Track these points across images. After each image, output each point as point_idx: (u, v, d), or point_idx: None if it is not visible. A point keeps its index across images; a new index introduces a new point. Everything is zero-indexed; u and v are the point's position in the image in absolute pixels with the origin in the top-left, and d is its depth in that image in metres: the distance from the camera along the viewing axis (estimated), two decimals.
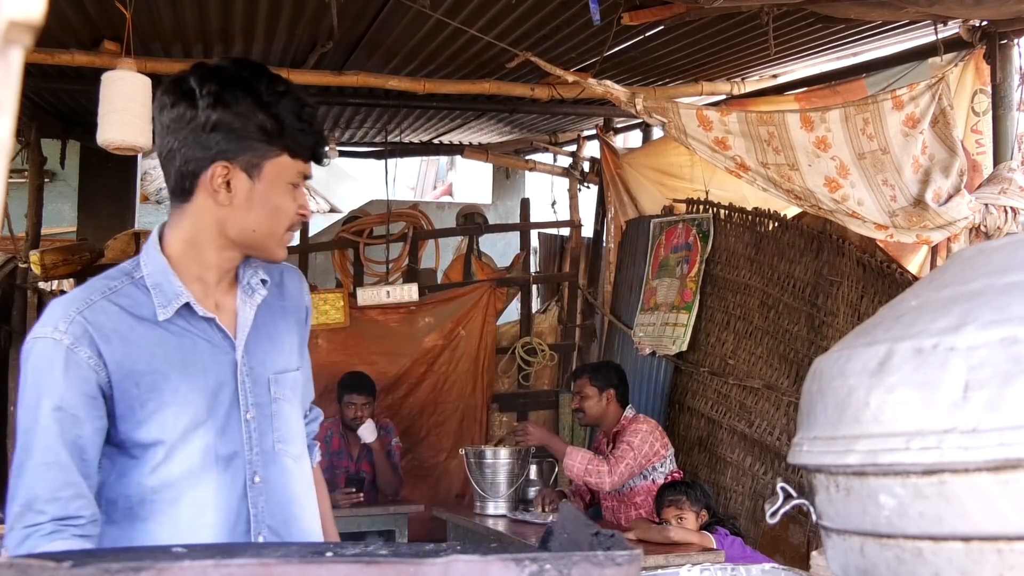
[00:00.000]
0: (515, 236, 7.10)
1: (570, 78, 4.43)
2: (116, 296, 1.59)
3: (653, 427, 4.44)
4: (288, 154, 1.62)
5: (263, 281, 1.73)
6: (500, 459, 4.71)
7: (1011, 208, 3.97)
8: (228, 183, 1.59)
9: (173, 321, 1.61)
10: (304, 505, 1.76)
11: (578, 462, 4.33)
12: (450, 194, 12.79)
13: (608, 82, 4.38)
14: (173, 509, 1.58)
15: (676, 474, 4.42)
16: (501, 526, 4.44)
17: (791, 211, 4.91)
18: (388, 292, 6.13)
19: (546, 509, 4.56)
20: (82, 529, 1.51)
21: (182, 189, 1.61)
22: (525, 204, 6.78)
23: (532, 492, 4.86)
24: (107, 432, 1.57)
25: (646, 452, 4.32)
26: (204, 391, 1.61)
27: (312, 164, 1.68)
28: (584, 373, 4.68)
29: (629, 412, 4.54)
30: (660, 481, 4.28)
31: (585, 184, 6.93)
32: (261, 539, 1.64)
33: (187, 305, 1.62)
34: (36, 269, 5.60)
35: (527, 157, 7.73)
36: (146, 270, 1.63)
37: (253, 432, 1.66)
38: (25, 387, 1.54)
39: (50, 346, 1.53)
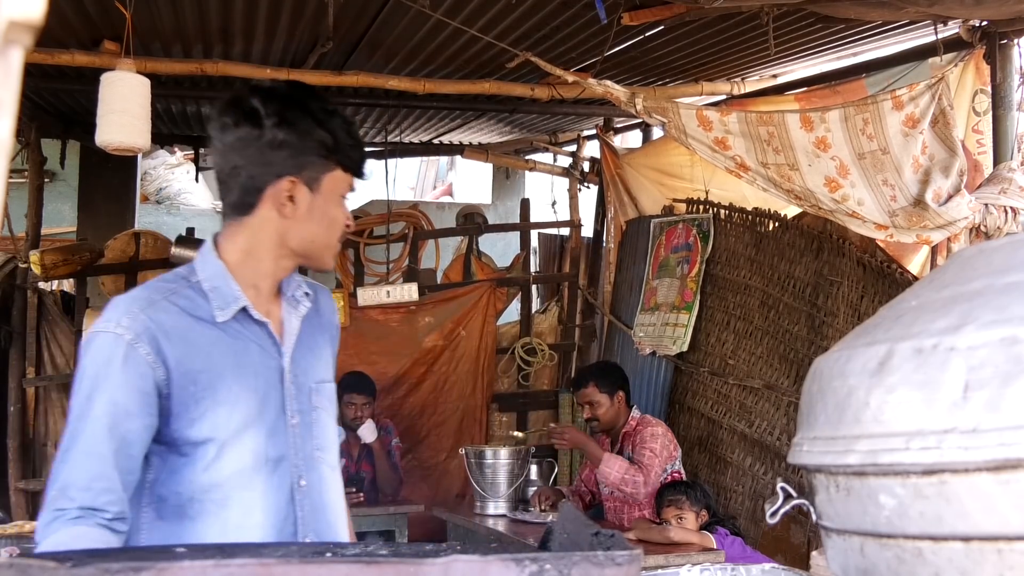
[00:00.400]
0: (515, 236, 7.09)
1: (570, 78, 4.43)
2: (175, 297, 1.67)
3: (665, 429, 4.40)
4: (341, 168, 1.72)
5: (306, 294, 1.81)
6: (500, 459, 4.70)
7: (1011, 208, 3.96)
8: (292, 196, 1.67)
9: (229, 323, 1.68)
10: (338, 513, 1.81)
11: (615, 471, 4.24)
12: (450, 194, 12.77)
13: (608, 82, 4.38)
14: (223, 511, 1.63)
15: (676, 474, 4.41)
16: (501, 526, 4.43)
17: (791, 211, 4.91)
18: (388, 292, 6.13)
19: (542, 507, 4.53)
20: (109, 523, 1.55)
21: (244, 203, 1.70)
22: (525, 204, 6.78)
23: (532, 492, 4.85)
24: (157, 430, 1.62)
25: (665, 457, 4.30)
26: (255, 392, 1.67)
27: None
28: (589, 380, 4.48)
29: (636, 413, 4.49)
30: (664, 481, 4.27)
31: (585, 184, 6.91)
32: (308, 540, 1.69)
33: (243, 309, 1.69)
34: (36, 269, 5.60)
35: (527, 157, 7.72)
36: (202, 275, 1.70)
37: (296, 438, 1.72)
38: (82, 378, 1.60)
39: (111, 340, 1.59)
